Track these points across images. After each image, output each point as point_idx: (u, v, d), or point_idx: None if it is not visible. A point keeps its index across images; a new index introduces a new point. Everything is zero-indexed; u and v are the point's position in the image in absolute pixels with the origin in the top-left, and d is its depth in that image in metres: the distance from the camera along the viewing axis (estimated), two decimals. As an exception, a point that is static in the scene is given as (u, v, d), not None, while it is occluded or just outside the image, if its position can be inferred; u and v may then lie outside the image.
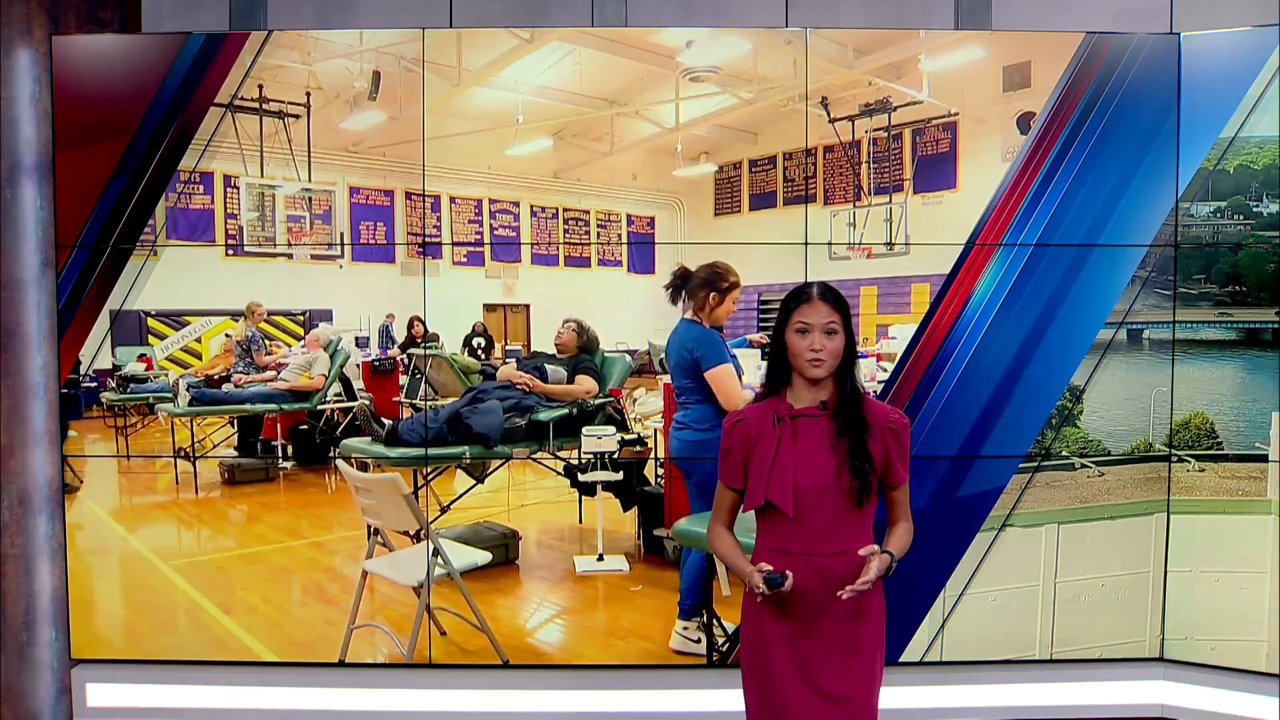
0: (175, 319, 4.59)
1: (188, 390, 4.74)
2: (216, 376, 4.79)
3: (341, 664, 4.16)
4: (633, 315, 4.76)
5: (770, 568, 2.56)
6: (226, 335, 4.74)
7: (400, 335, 4.61)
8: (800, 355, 2.61)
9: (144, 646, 4.24)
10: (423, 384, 4.68)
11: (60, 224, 4.08)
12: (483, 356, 4.78)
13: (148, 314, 4.39)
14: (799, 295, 2.66)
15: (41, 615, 4.20)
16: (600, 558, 4.48)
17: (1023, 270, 3.98)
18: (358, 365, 4.87)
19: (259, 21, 4.50)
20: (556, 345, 4.68)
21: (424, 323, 4.37)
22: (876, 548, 2.58)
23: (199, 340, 4.71)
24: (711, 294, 4.09)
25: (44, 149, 4.09)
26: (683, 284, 4.15)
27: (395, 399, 4.80)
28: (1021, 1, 4.44)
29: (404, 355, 4.66)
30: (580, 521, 4.71)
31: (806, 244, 4.07)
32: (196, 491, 4.65)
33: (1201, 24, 4.08)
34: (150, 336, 4.56)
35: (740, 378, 4.20)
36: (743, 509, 2.73)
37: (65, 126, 4.03)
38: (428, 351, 4.60)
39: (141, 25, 4.46)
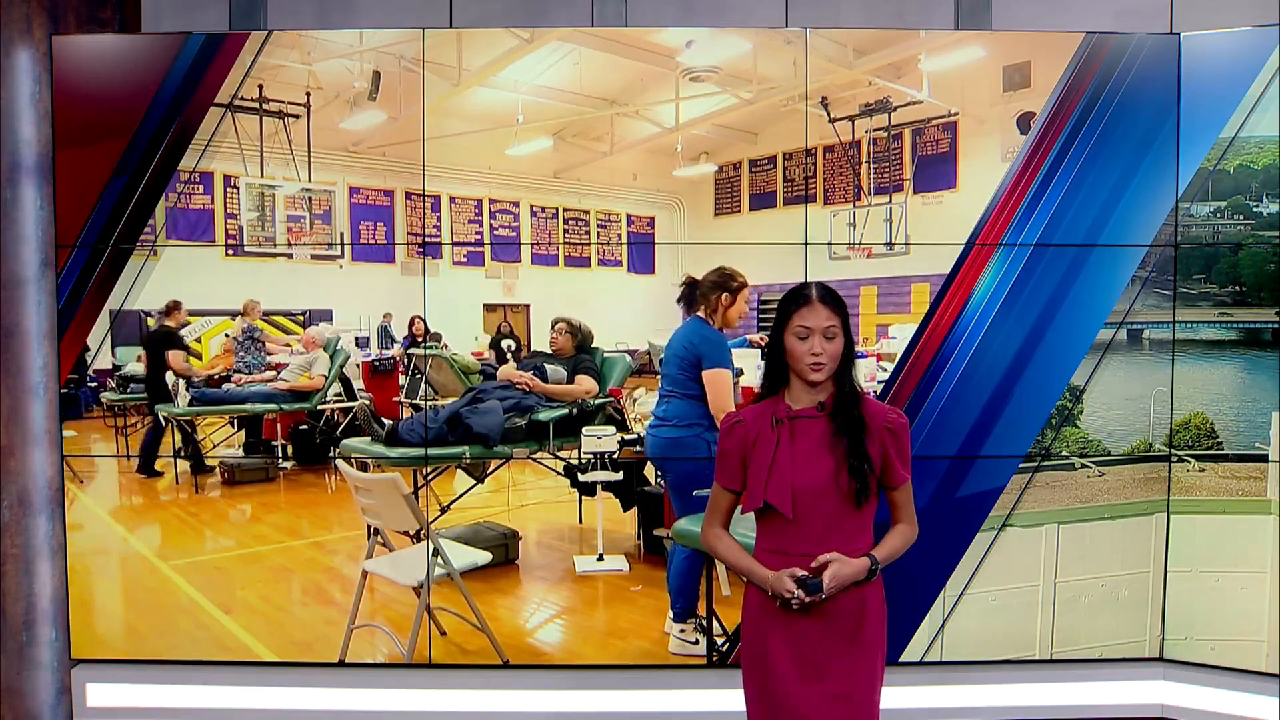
0: (175, 319, 4.59)
1: (188, 390, 4.74)
2: (216, 376, 4.79)
3: (341, 664, 4.16)
4: (632, 315, 4.76)
5: (804, 572, 2.55)
6: (226, 335, 4.74)
7: (400, 335, 4.61)
8: (800, 359, 2.61)
9: (144, 646, 4.24)
10: (422, 384, 4.68)
11: (60, 224, 4.07)
12: (511, 359, 4.78)
13: (148, 314, 4.39)
14: (798, 297, 2.65)
15: (41, 615, 4.20)
16: (600, 558, 4.48)
17: (1023, 270, 3.98)
18: (358, 365, 4.88)
19: (259, 21, 4.49)
20: (553, 350, 4.68)
21: (425, 322, 4.37)
22: (835, 555, 2.57)
23: (199, 340, 4.72)
24: (724, 294, 4.11)
25: (44, 149, 4.09)
26: (692, 291, 4.17)
27: (395, 399, 4.80)
28: (1021, 1, 4.44)
29: (405, 355, 4.67)
30: (580, 521, 4.72)
31: (806, 244, 4.07)
32: (197, 491, 4.65)
33: (1201, 24, 4.08)
34: (150, 336, 4.56)
35: (741, 376, 4.21)
36: (741, 511, 2.72)
37: (65, 126, 4.03)
38: (428, 351, 4.60)
39: (141, 25, 4.46)
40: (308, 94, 4.27)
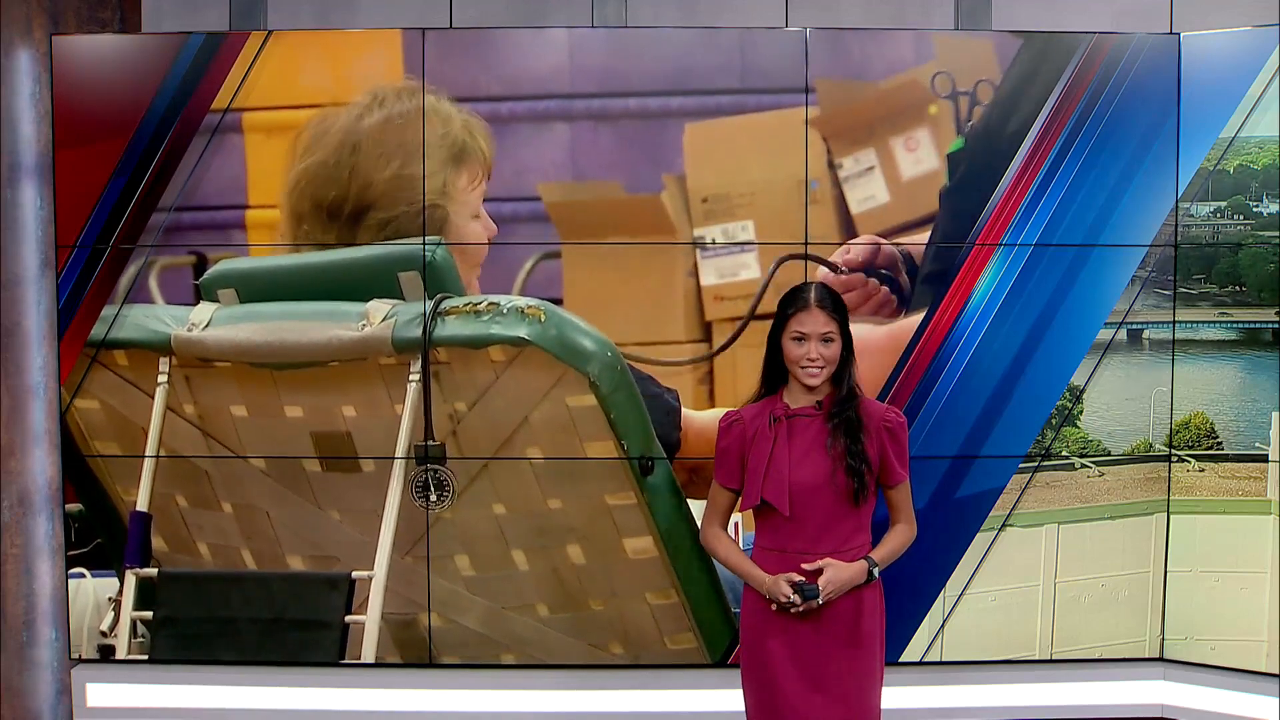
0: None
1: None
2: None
3: (342, 664, 4.16)
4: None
5: (801, 578, 2.56)
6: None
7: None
8: (796, 363, 2.62)
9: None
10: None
11: (60, 224, 4.07)
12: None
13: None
14: (795, 300, 2.66)
15: (41, 615, 4.20)
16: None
17: (1023, 270, 3.98)
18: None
19: (259, 21, 4.50)
20: None
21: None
22: (830, 560, 2.58)
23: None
24: None
25: (44, 149, 4.10)
26: None
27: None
28: (1022, 1, 4.44)
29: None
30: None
31: (806, 243, 4.06)
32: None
33: (1201, 24, 4.08)
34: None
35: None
36: (739, 509, 2.74)
37: (65, 126, 4.03)
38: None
39: (141, 25, 4.47)
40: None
